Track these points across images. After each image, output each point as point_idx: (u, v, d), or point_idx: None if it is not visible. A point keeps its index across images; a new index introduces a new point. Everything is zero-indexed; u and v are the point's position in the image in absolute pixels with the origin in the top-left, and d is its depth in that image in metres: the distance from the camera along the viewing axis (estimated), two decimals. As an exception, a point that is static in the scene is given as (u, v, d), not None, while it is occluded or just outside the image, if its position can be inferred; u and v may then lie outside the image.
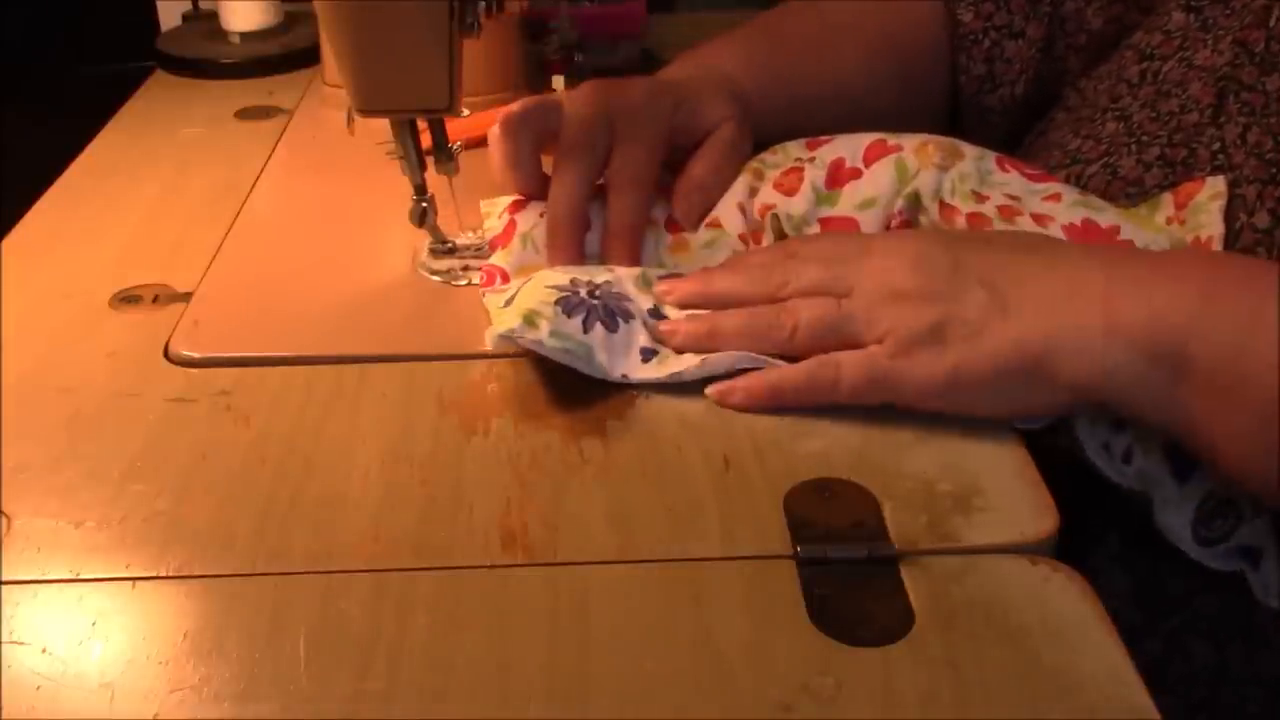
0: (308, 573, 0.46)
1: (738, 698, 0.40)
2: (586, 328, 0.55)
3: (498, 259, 0.63)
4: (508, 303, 0.58)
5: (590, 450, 0.52)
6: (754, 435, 0.53)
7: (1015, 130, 0.77)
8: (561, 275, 0.59)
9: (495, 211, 0.66)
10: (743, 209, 0.65)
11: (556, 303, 0.56)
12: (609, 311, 0.56)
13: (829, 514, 0.48)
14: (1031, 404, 0.51)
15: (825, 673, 0.41)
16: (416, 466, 0.51)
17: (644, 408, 0.55)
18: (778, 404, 0.53)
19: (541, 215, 0.63)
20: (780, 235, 0.63)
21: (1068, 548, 0.47)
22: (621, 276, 0.59)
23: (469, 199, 0.68)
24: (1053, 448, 0.51)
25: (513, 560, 0.46)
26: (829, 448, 0.52)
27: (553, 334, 0.55)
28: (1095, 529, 0.54)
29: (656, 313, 0.58)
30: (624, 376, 0.55)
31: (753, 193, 0.65)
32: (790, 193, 0.63)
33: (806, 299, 0.54)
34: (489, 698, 0.41)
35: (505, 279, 0.62)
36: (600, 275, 0.59)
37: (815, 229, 0.62)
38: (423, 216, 0.65)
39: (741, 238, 0.65)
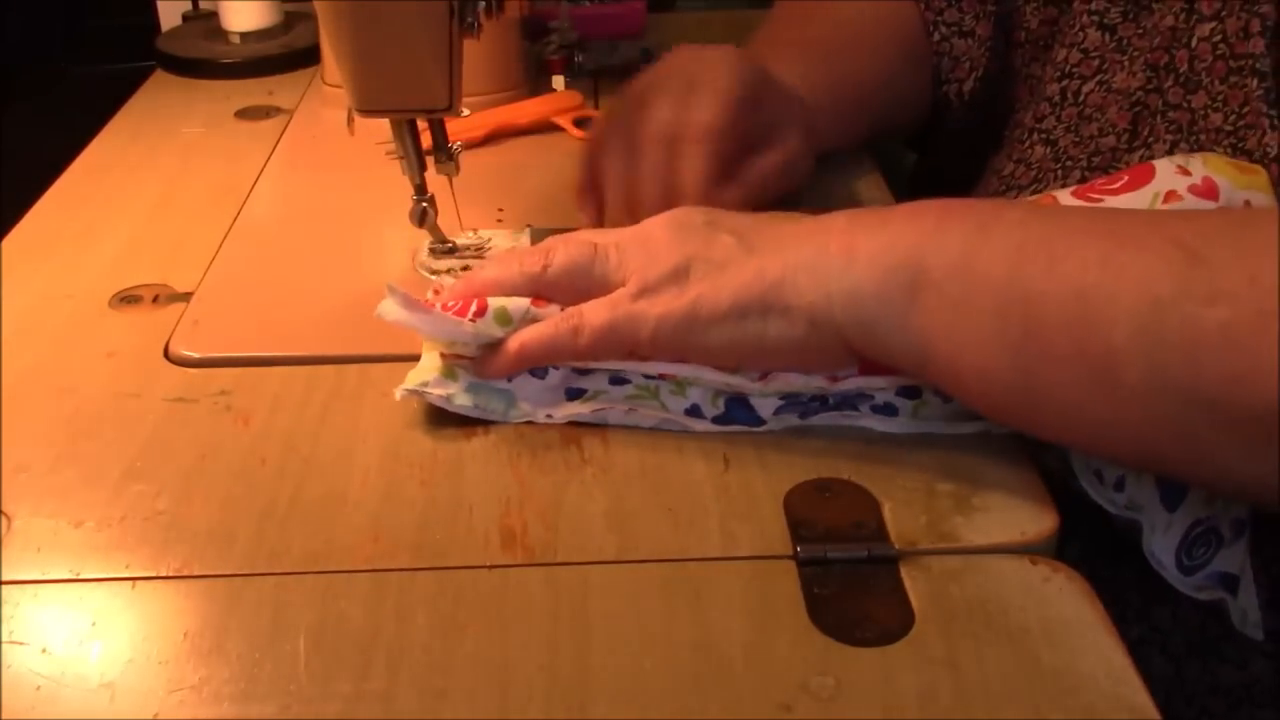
0: (308, 573, 0.46)
1: (738, 698, 0.40)
2: (511, 375, 0.54)
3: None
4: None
5: (590, 450, 0.52)
6: (754, 435, 0.53)
7: (962, 129, 0.78)
8: (498, 330, 0.53)
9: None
10: None
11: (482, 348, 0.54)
12: None
13: (829, 514, 0.48)
14: (768, 339, 0.50)
15: (825, 673, 0.41)
16: (416, 466, 0.51)
17: (644, 408, 0.55)
18: (528, 365, 0.53)
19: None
20: None
21: None
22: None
23: (469, 199, 0.68)
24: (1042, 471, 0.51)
25: (513, 560, 0.46)
26: (829, 448, 0.52)
27: (470, 387, 0.54)
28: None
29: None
30: (548, 416, 0.54)
31: None
32: None
33: (565, 243, 0.54)
34: (489, 698, 0.41)
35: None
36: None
37: None
38: (423, 216, 0.65)
39: None
